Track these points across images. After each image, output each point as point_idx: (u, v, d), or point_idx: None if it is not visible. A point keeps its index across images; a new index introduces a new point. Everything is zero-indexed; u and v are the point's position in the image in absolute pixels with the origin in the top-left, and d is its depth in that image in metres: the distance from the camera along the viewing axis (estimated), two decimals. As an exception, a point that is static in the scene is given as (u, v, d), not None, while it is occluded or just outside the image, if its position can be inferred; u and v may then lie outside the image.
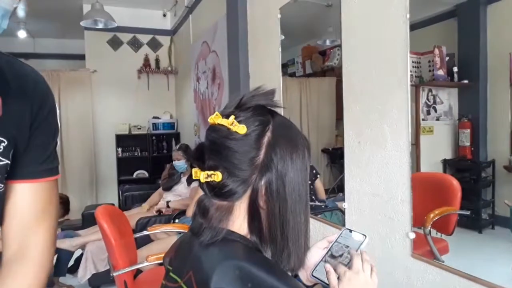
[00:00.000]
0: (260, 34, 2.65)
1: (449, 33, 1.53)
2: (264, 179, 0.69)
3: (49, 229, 0.77)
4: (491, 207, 1.40)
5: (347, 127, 1.78)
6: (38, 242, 0.75)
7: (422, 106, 1.50)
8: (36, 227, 0.75)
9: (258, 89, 0.74)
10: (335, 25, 1.84)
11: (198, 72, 4.42)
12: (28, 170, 0.73)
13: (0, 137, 0.66)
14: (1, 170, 0.67)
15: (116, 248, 2.10)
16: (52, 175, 0.77)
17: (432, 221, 1.44)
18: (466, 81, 1.45)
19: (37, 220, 0.75)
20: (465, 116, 1.45)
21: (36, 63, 5.42)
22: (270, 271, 0.64)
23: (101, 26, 4.38)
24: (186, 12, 4.73)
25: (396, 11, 1.46)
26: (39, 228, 0.75)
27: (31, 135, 0.71)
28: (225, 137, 0.69)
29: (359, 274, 0.77)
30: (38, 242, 0.76)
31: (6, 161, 0.68)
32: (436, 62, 1.49)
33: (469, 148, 1.43)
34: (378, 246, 1.61)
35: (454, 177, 1.46)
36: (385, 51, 1.52)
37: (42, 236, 0.76)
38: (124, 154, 5.47)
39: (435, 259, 1.40)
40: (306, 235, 0.74)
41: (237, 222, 0.72)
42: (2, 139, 0.67)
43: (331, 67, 2.38)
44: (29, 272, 0.74)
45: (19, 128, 0.69)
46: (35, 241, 0.75)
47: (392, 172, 1.53)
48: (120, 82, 5.49)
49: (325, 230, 2.03)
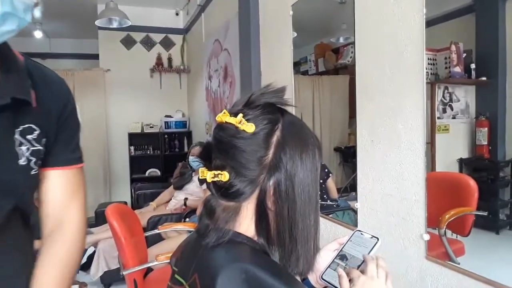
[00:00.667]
0: (272, 31, 2.63)
1: (467, 29, 1.49)
2: (272, 179, 0.67)
3: (81, 208, 0.91)
4: (509, 207, 1.36)
5: (360, 126, 1.76)
6: (72, 218, 0.89)
7: (437, 104, 1.46)
8: (70, 206, 0.89)
9: (268, 87, 0.72)
10: (349, 22, 1.81)
11: (210, 70, 4.42)
12: (59, 159, 0.86)
13: (33, 125, 0.77)
14: (35, 154, 0.78)
15: (126, 247, 2.11)
16: (79, 163, 0.92)
17: (447, 222, 1.41)
18: (484, 78, 1.40)
19: (70, 201, 0.88)
20: (483, 114, 1.40)
21: (52, 63, 5.51)
22: (277, 275, 0.62)
23: (115, 25, 4.42)
24: (199, 10, 4.74)
25: (412, 7, 1.42)
26: (72, 207, 0.89)
27: (58, 129, 0.84)
28: (232, 136, 0.67)
29: (373, 280, 0.74)
30: (73, 217, 0.89)
31: (39, 147, 0.79)
32: (452, 58, 1.45)
33: (487, 147, 1.39)
34: (391, 247, 1.58)
35: (471, 176, 1.43)
36: (400, 48, 1.49)
37: (75, 213, 0.90)
38: (136, 153, 5.51)
39: (451, 261, 1.36)
40: (315, 237, 0.71)
41: (244, 224, 0.70)
42: (35, 127, 0.78)
43: (344, 65, 2.34)
44: (67, 240, 0.88)
45: (48, 121, 0.81)
46: (69, 217, 0.88)
47: (406, 172, 1.50)
48: (133, 81, 5.53)
49: (337, 230, 2.01)
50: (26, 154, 0.76)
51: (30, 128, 0.77)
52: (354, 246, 0.84)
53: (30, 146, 0.77)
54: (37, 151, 0.79)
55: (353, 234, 0.87)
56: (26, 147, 0.76)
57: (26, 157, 0.76)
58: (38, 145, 0.78)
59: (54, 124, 0.83)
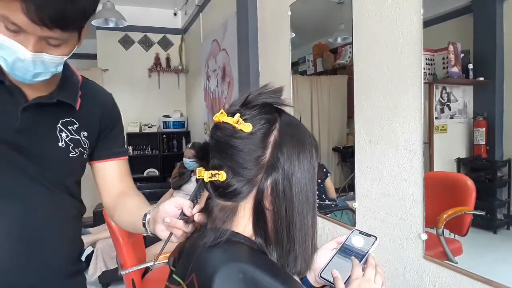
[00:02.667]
0: (270, 31, 2.63)
1: (464, 29, 1.49)
2: (270, 179, 0.67)
3: (133, 185, 1.20)
4: (506, 207, 1.36)
5: (358, 126, 1.76)
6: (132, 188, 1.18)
7: (435, 104, 1.46)
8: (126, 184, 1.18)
9: (265, 87, 0.72)
10: (347, 22, 1.81)
11: (208, 70, 4.41)
12: (112, 152, 1.15)
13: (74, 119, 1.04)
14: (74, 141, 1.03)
15: (124, 247, 2.11)
16: (125, 155, 1.20)
17: (445, 222, 1.41)
18: (482, 78, 1.41)
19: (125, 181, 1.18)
20: (480, 114, 1.41)
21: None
22: (275, 274, 0.62)
23: (112, 26, 4.41)
24: (197, 10, 4.73)
25: (410, 7, 1.43)
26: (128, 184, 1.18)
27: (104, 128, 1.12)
28: (230, 136, 0.67)
29: (370, 282, 0.75)
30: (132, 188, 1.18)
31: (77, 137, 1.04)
32: (450, 59, 1.46)
33: (484, 146, 1.39)
34: (389, 247, 1.58)
35: (469, 176, 1.43)
36: (398, 48, 1.49)
37: (133, 186, 1.20)
38: (135, 153, 5.50)
39: (448, 260, 1.37)
40: (313, 237, 0.71)
41: (241, 223, 0.70)
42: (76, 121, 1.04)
43: (343, 65, 2.35)
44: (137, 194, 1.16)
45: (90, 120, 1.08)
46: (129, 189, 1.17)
47: (404, 172, 1.50)
48: (131, 81, 5.52)
49: (335, 229, 2.01)
50: (66, 140, 1.01)
51: (71, 121, 1.03)
52: (352, 245, 0.84)
53: (69, 134, 1.02)
54: (76, 140, 1.03)
55: (352, 233, 0.87)
56: (65, 134, 1.01)
57: (65, 141, 1.01)
58: (77, 135, 1.03)
59: (97, 123, 1.10)
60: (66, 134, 1.02)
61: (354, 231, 0.87)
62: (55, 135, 1.00)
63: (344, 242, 0.86)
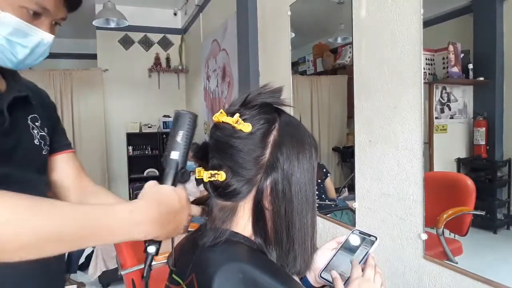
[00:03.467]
0: (270, 31, 2.63)
1: (464, 29, 1.49)
2: (269, 179, 0.67)
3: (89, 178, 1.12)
4: (506, 207, 1.37)
5: (358, 126, 1.76)
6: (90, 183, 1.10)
7: (435, 104, 1.46)
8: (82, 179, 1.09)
9: (265, 87, 0.72)
10: (347, 22, 1.81)
11: (208, 70, 4.41)
12: (62, 144, 1.07)
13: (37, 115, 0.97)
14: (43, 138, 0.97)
15: (124, 247, 2.11)
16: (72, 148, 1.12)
17: (445, 221, 1.41)
18: (482, 78, 1.41)
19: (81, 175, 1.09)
20: (480, 114, 1.41)
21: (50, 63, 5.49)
22: (275, 274, 0.62)
23: (113, 25, 4.42)
24: (197, 10, 4.74)
25: (410, 7, 1.42)
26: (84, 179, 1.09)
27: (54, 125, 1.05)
28: (229, 136, 0.67)
29: (369, 282, 0.75)
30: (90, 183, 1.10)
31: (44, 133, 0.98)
32: (450, 59, 1.46)
33: (484, 146, 1.39)
34: (389, 247, 1.58)
35: (469, 176, 1.43)
36: (398, 48, 1.49)
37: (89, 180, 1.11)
38: (135, 153, 5.51)
39: (448, 260, 1.37)
40: (313, 237, 0.71)
41: (241, 223, 0.69)
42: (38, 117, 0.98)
43: (343, 65, 2.35)
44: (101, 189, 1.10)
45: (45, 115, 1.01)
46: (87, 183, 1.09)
47: (404, 172, 1.50)
48: (131, 81, 5.52)
49: (335, 229, 2.01)
50: (38, 137, 0.96)
51: (36, 117, 0.97)
52: (353, 245, 0.84)
53: (38, 131, 0.96)
54: (43, 137, 0.98)
55: (352, 233, 0.87)
56: (36, 131, 0.95)
57: (38, 139, 0.95)
58: (43, 131, 0.98)
59: (48, 118, 1.03)
60: (37, 131, 0.95)
61: (354, 231, 0.87)
62: (30, 133, 0.93)
63: (344, 242, 0.86)
